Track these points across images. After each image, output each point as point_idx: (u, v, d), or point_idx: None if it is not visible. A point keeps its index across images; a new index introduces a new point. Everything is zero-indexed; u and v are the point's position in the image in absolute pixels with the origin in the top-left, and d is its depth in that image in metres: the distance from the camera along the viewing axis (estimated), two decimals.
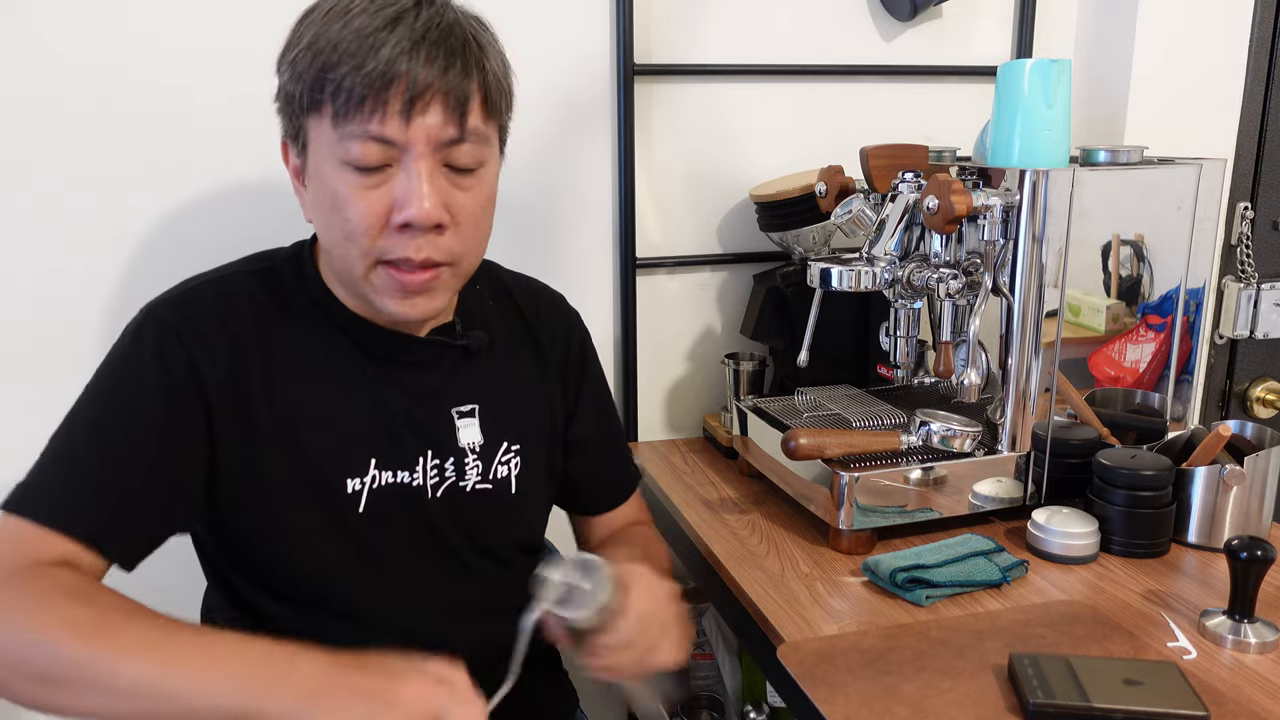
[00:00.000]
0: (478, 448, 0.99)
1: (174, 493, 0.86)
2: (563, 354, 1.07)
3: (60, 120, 1.25)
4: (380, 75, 0.79)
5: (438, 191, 0.83)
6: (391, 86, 0.80)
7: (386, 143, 0.81)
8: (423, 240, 0.84)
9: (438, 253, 0.85)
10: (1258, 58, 1.61)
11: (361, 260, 0.86)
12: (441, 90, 0.81)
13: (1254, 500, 1.11)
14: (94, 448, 0.84)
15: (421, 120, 0.81)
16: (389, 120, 0.80)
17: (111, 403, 0.86)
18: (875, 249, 1.16)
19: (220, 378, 0.88)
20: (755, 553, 1.15)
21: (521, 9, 1.37)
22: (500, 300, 1.06)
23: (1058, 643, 0.92)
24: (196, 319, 0.89)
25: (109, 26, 1.25)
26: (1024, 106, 1.11)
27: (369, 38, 0.80)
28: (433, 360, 0.98)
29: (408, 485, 0.94)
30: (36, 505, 0.81)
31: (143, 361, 0.87)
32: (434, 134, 0.82)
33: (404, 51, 0.79)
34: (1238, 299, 1.70)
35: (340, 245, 0.86)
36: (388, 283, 0.86)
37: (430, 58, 0.80)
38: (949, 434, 1.11)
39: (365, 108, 0.80)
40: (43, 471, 0.84)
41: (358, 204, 0.83)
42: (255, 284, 0.93)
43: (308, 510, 0.91)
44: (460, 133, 0.83)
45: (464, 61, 0.82)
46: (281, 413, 0.90)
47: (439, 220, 0.83)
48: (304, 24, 0.84)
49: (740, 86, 1.50)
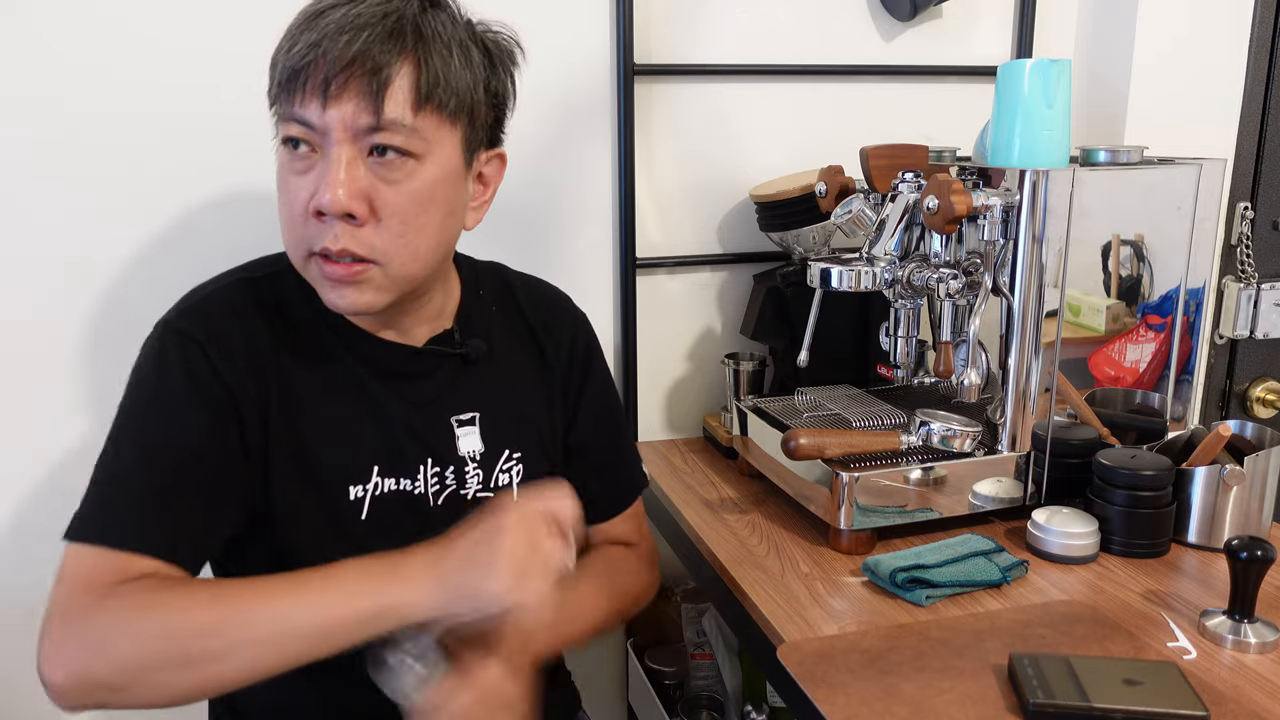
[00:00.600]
0: (478, 456, 0.98)
1: (225, 495, 0.88)
2: (567, 358, 1.07)
3: (60, 120, 1.25)
4: (301, 56, 0.79)
5: (355, 180, 0.82)
6: (310, 68, 0.79)
7: (307, 125, 0.81)
8: (340, 230, 0.83)
9: (357, 245, 0.83)
10: (1258, 58, 1.61)
11: (295, 249, 0.87)
12: (355, 77, 0.79)
13: (1254, 500, 1.11)
14: (144, 463, 0.85)
15: (336, 106, 0.80)
16: (309, 102, 0.80)
17: (150, 418, 0.87)
18: (875, 249, 1.16)
19: (243, 385, 0.88)
20: (755, 553, 1.15)
21: (521, 9, 1.37)
22: (504, 305, 1.05)
23: (1058, 643, 0.92)
24: (214, 330, 0.89)
25: (110, 26, 1.25)
26: (1024, 106, 1.11)
27: (301, 25, 0.80)
28: (429, 369, 0.97)
29: (409, 493, 0.95)
30: (104, 532, 0.81)
31: (172, 374, 0.87)
32: (349, 120, 0.81)
33: (329, 35, 0.79)
34: (1238, 299, 1.70)
35: (284, 232, 0.87)
36: (318, 273, 0.86)
37: (349, 44, 0.79)
38: (949, 434, 1.11)
39: (290, 88, 0.81)
40: (98, 499, 0.84)
41: (288, 188, 0.84)
42: (260, 291, 0.94)
43: (311, 516, 0.92)
44: (376, 120, 0.81)
45: (387, 47, 0.80)
46: (290, 419, 0.91)
47: (348, 209, 0.81)
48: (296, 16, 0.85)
49: (740, 86, 1.50)
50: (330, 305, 0.88)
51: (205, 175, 1.31)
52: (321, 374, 0.93)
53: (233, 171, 1.32)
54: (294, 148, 0.83)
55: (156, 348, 0.89)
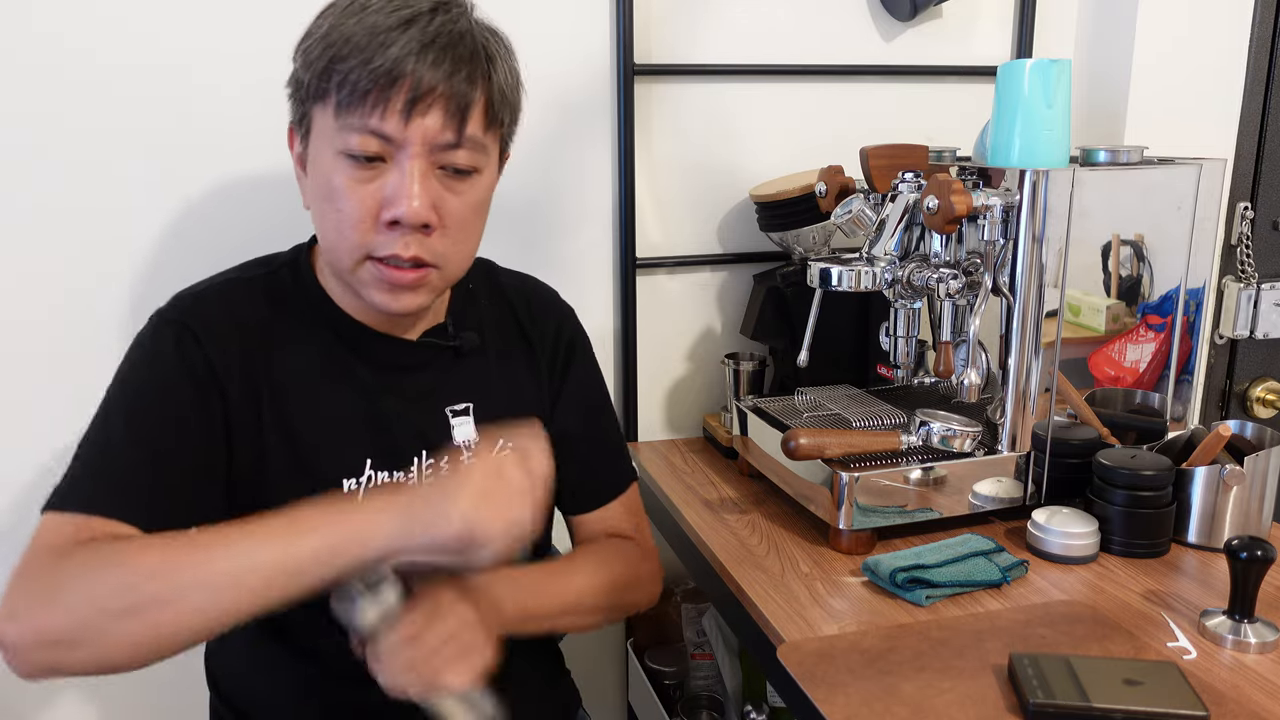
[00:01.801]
0: (473, 445, 1.00)
1: (207, 478, 0.89)
2: (551, 349, 1.08)
3: (60, 119, 1.25)
4: (386, 72, 0.81)
5: (428, 192, 0.85)
6: (396, 85, 0.81)
7: (384, 138, 0.83)
8: (410, 238, 0.86)
9: (425, 252, 0.87)
10: (1258, 58, 1.61)
11: (350, 254, 0.87)
12: (444, 95, 0.83)
13: (1254, 500, 1.11)
14: (129, 439, 0.86)
15: (421, 121, 0.83)
16: (389, 117, 0.82)
17: (139, 401, 0.88)
18: (875, 249, 1.16)
19: (233, 376, 0.90)
20: (755, 553, 1.15)
21: (521, 8, 1.37)
22: (494, 299, 1.07)
23: (1058, 643, 0.92)
24: (208, 320, 0.91)
25: (111, 26, 1.25)
26: (1024, 106, 1.11)
27: (380, 35, 0.81)
28: (425, 362, 0.99)
29: (404, 485, 0.95)
30: (82, 499, 0.82)
31: (164, 357, 0.89)
32: (431, 136, 0.84)
33: (412, 52, 0.81)
34: (1238, 299, 1.70)
35: (332, 235, 0.88)
36: (374, 277, 0.88)
37: (437, 61, 0.82)
38: (949, 434, 1.11)
39: (368, 102, 0.82)
40: (80, 469, 0.85)
41: (350, 197, 0.85)
42: (255, 289, 0.96)
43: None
44: (457, 138, 0.85)
45: (470, 69, 0.84)
46: (283, 412, 0.92)
47: (426, 220, 0.85)
48: (323, 16, 0.86)
49: (740, 86, 1.50)
50: (380, 307, 0.90)
51: (207, 175, 1.31)
52: (317, 369, 0.94)
53: (234, 172, 1.32)
54: (363, 159, 0.84)
55: (151, 336, 0.91)
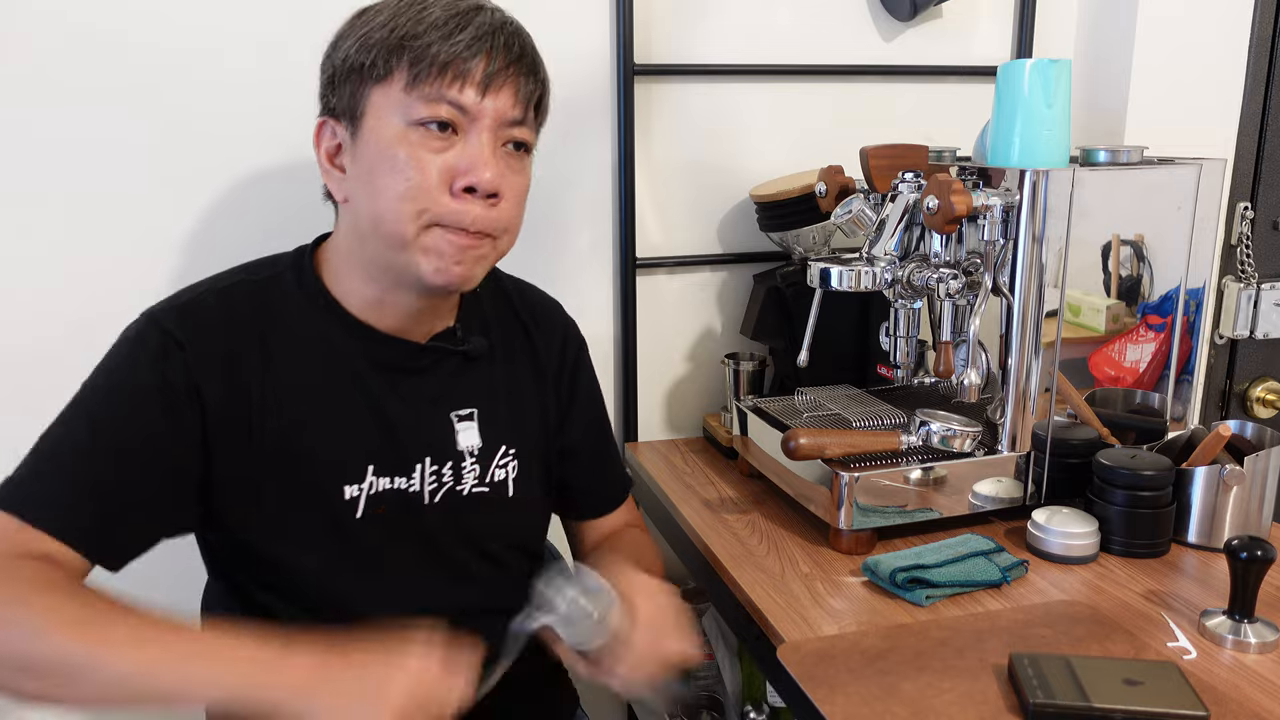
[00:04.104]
0: (476, 451, 0.99)
1: (166, 501, 0.87)
2: (558, 362, 1.09)
3: (61, 120, 1.26)
4: (467, 46, 0.86)
5: (498, 163, 0.89)
6: (475, 59, 0.86)
7: (460, 109, 0.87)
8: (479, 208, 0.88)
9: (489, 224, 0.89)
10: (1258, 58, 1.61)
11: (414, 221, 0.87)
12: (515, 75, 0.89)
13: (1254, 500, 1.11)
14: (86, 451, 0.84)
15: (494, 96, 0.87)
16: (468, 89, 0.86)
17: (107, 408, 0.86)
18: (875, 249, 1.16)
19: (219, 386, 0.88)
20: (755, 553, 1.15)
21: (521, 8, 1.36)
22: (499, 305, 1.07)
23: (1058, 643, 0.92)
24: (197, 327, 0.89)
25: (115, 24, 1.25)
26: (1024, 106, 1.11)
27: (455, 18, 0.87)
28: (433, 365, 0.98)
29: (404, 491, 0.95)
30: (24, 503, 0.82)
31: (140, 368, 0.87)
32: (503, 111, 0.88)
33: (487, 34, 0.87)
34: (1238, 299, 1.70)
35: (394, 205, 0.87)
36: (438, 243, 0.88)
37: (508, 45, 0.89)
38: (949, 434, 1.11)
39: (448, 74, 0.86)
40: (33, 469, 0.84)
41: (420, 164, 0.87)
42: (258, 293, 0.94)
43: (306, 516, 0.92)
44: (523, 115, 0.90)
45: (532, 58, 0.91)
46: (282, 421, 0.91)
47: (498, 188, 0.88)
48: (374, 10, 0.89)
49: (740, 86, 1.50)
50: (431, 278, 0.89)
51: (209, 176, 1.31)
52: (320, 372, 0.93)
53: (236, 172, 1.32)
54: (435, 128, 0.87)
55: (135, 338, 0.89)
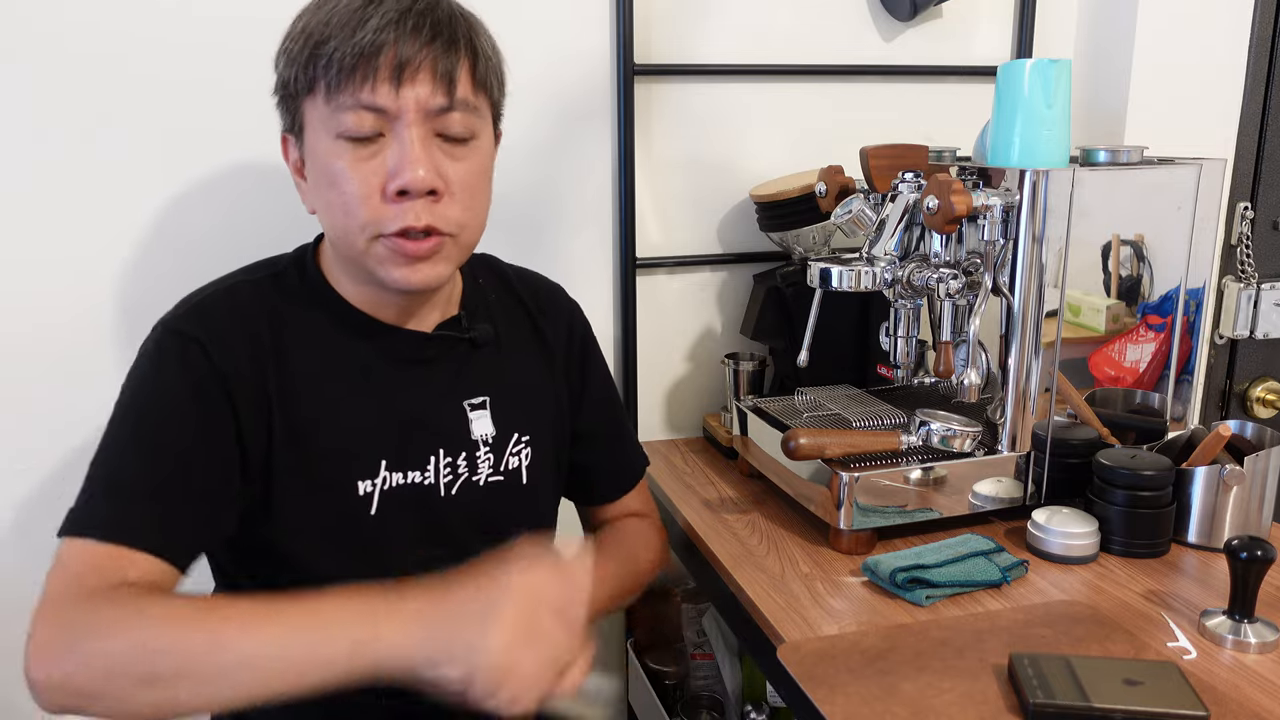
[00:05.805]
0: (490, 439, 1.00)
1: (220, 494, 0.88)
2: (565, 346, 1.09)
3: (62, 121, 1.25)
4: (369, 44, 0.82)
5: (430, 159, 0.85)
6: (380, 55, 0.82)
7: (378, 111, 0.84)
8: (420, 207, 0.86)
9: (437, 220, 0.87)
10: (1258, 58, 1.61)
11: (361, 234, 0.87)
12: (429, 59, 0.84)
13: (1254, 500, 1.11)
14: (140, 460, 0.85)
15: (411, 88, 0.83)
16: (379, 88, 0.83)
17: (149, 416, 0.87)
18: (875, 249, 1.16)
19: (243, 382, 0.89)
20: (755, 553, 1.15)
21: (521, 8, 1.37)
22: (502, 293, 1.07)
23: (1058, 643, 0.92)
24: (213, 328, 0.90)
25: (114, 24, 1.25)
26: (1024, 106, 1.11)
27: (356, 12, 0.83)
28: (441, 355, 0.99)
29: (419, 485, 0.95)
30: (100, 526, 0.82)
31: (168, 373, 0.88)
32: (423, 102, 0.84)
33: (390, 23, 0.82)
34: (1238, 299, 1.70)
35: (340, 221, 0.87)
36: (390, 253, 0.87)
37: (416, 28, 0.83)
38: (949, 434, 1.11)
39: (356, 77, 0.82)
40: (95, 492, 0.84)
41: (353, 176, 0.85)
42: (262, 292, 0.94)
43: (321, 513, 0.92)
44: (449, 101, 0.85)
45: (450, 33, 0.85)
46: (294, 418, 0.91)
47: (432, 185, 0.85)
48: (298, 18, 0.87)
49: (740, 86, 1.50)
50: (398, 283, 0.89)
51: (211, 175, 1.31)
52: (329, 369, 0.93)
53: (238, 171, 1.32)
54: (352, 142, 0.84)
55: (154, 348, 0.89)
